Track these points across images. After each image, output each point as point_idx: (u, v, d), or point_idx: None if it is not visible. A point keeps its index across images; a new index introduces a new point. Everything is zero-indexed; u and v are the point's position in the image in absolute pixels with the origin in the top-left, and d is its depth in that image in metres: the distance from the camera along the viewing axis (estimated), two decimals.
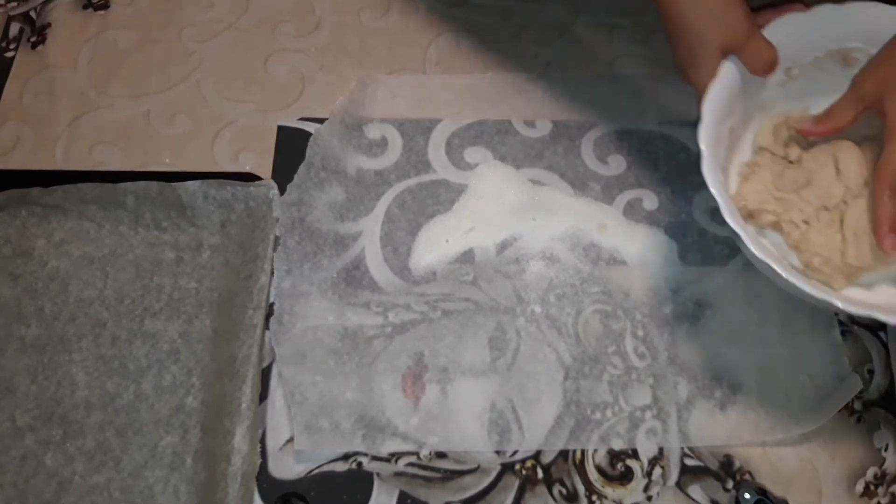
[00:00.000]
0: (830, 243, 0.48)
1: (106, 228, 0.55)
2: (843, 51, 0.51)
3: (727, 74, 0.48)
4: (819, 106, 0.52)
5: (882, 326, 0.54)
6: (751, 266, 0.54)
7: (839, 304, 0.43)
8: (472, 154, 0.59)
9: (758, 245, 0.44)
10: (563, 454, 0.49)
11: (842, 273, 0.48)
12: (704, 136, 0.46)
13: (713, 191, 0.44)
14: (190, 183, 0.55)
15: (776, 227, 0.50)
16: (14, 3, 0.66)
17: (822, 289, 0.44)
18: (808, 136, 0.50)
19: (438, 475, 0.49)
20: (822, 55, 0.51)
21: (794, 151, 0.51)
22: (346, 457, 0.49)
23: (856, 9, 0.49)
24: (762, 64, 0.48)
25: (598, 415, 0.50)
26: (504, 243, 0.56)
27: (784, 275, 0.43)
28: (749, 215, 0.50)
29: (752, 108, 0.52)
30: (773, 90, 0.52)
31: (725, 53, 0.47)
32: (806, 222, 0.48)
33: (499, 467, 0.49)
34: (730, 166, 0.52)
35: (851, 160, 0.48)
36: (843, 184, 0.48)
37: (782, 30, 0.49)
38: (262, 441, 0.49)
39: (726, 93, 0.48)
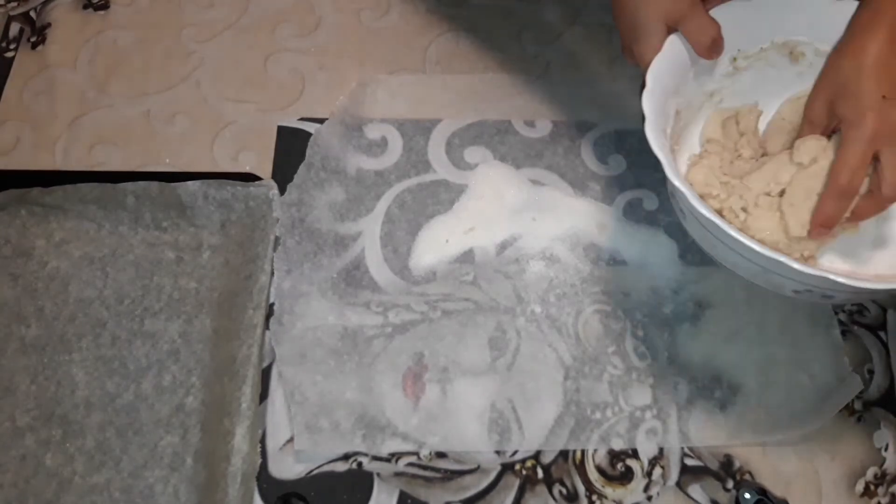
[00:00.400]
0: (772, 225, 0.46)
1: (106, 228, 0.55)
2: (790, 43, 0.50)
3: (672, 48, 0.47)
4: (768, 104, 0.52)
5: (882, 326, 0.54)
6: None
7: (792, 264, 0.40)
8: (472, 154, 0.59)
9: (705, 207, 0.42)
10: (563, 454, 0.49)
11: (792, 253, 0.46)
12: (648, 101, 0.45)
13: (656, 150, 0.43)
14: (190, 183, 0.55)
15: (721, 215, 0.48)
16: (14, 3, 0.66)
17: (759, 243, 0.41)
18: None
19: (438, 475, 0.49)
20: (767, 46, 0.50)
21: (747, 150, 0.50)
22: (346, 457, 0.49)
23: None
24: (706, 39, 0.47)
25: (598, 415, 0.50)
26: (504, 243, 0.56)
27: (730, 231, 0.41)
28: None
29: (699, 97, 0.52)
30: (720, 81, 0.51)
31: (669, 27, 0.47)
32: (744, 210, 0.47)
33: (499, 467, 0.49)
34: (677, 156, 0.51)
35: (810, 141, 0.47)
36: (796, 161, 0.47)
37: (726, 15, 0.48)
38: (262, 441, 0.49)
39: (671, 66, 0.47)
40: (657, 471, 0.49)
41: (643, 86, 0.45)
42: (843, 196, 0.44)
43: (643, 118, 0.44)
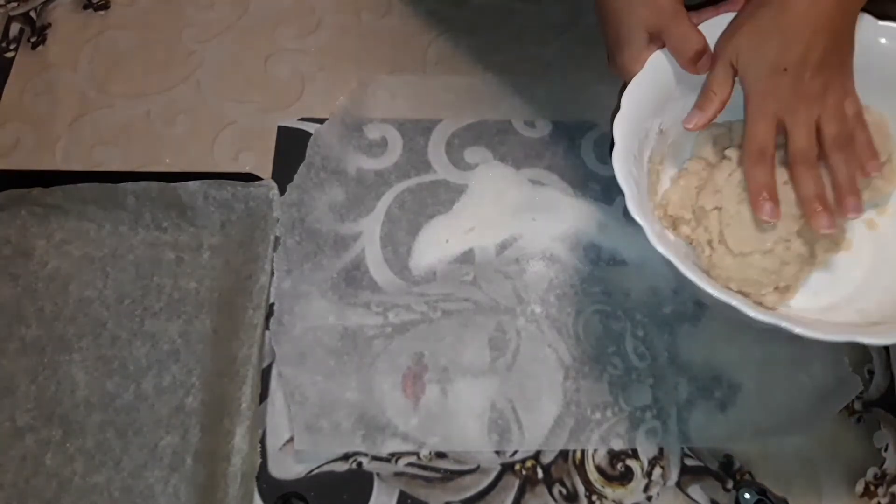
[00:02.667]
0: (738, 264, 0.46)
1: (106, 229, 0.55)
2: None
3: (655, 66, 0.46)
4: None
5: None
6: None
7: (745, 309, 0.39)
8: (472, 154, 0.59)
9: (663, 240, 0.41)
10: (563, 454, 0.49)
11: (767, 285, 0.46)
12: (620, 126, 0.44)
13: (620, 181, 0.42)
14: (190, 183, 0.55)
15: (691, 243, 0.49)
16: (14, 4, 0.66)
17: (722, 289, 0.41)
18: (699, 129, 0.48)
19: (438, 475, 0.49)
20: None
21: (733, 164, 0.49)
22: (346, 457, 0.49)
23: None
24: (688, 50, 0.46)
25: (598, 415, 0.50)
26: (504, 243, 0.56)
27: (684, 271, 0.40)
28: (673, 224, 0.49)
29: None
30: None
31: (651, 36, 0.46)
32: (710, 243, 0.47)
33: (499, 467, 0.49)
34: (662, 174, 0.51)
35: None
36: (727, 157, 0.47)
37: (717, 29, 0.46)
38: (262, 441, 0.49)
39: (652, 86, 0.46)
40: (657, 471, 0.49)
41: (617, 109, 0.44)
42: (762, 159, 0.44)
43: (611, 145, 0.43)
